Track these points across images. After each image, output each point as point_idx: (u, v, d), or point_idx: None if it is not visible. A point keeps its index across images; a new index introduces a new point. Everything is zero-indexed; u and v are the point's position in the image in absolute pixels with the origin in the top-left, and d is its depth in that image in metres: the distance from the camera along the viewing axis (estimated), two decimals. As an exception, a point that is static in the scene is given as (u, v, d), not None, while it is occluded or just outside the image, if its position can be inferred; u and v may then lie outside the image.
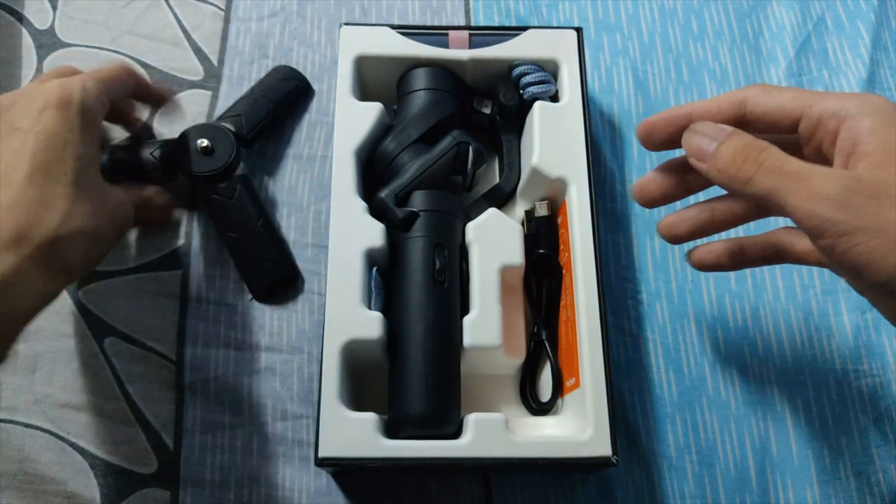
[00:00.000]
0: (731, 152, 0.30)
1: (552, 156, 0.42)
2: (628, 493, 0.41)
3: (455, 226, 0.41)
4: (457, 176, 0.43)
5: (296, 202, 0.47)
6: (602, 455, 0.36)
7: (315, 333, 0.44)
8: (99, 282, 0.44)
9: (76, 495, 0.40)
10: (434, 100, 0.44)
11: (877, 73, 0.52)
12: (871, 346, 0.45)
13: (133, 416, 0.41)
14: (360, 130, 0.43)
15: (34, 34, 0.50)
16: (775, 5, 0.55)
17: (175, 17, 0.52)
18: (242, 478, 0.41)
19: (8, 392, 0.41)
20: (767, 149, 0.29)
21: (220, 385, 0.42)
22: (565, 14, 0.54)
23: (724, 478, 0.42)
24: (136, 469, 0.40)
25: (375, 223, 0.40)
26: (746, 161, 0.29)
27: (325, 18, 0.53)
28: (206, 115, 0.49)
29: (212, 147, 0.44)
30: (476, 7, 0.53)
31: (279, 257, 0.44)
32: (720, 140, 0.30)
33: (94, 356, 0.42)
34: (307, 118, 0.49)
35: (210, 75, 0.50)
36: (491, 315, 0.39)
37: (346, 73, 0.44)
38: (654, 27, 0.54)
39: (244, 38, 0.52)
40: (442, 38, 0.45)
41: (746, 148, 0.29)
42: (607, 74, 0.52)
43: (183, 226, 0.46)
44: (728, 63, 0.52)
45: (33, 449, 0.40)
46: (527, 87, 0.44)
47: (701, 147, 0.31)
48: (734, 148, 0.30)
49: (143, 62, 0.50)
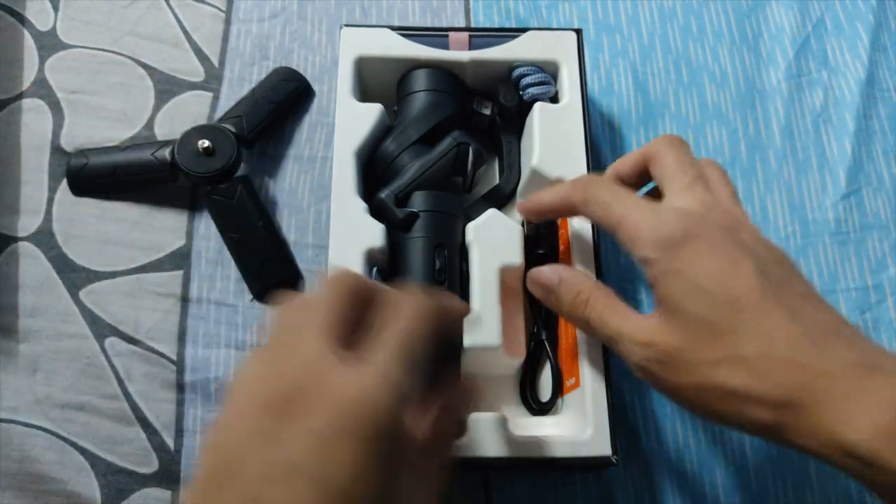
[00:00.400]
0: (566, 301, 0.35)
1: (552, 157, 0.42)
2: (628, 493, 0.41)
3: (455, 226, 0.41)
4: (457, 177, 0.43)
5: (296, 203, 0.47)
6: (602, 455, 0.36)
7: (315, 334, 0.44)
8: (99, 282, 0.44)
9: (76, 495, 0.40)
10: (434, 101, 0.44)
11: (875, 74, 0.52)
12: (871, 347, 0.45)
13: (133, 416, 0.41)
14: (360, 131, 0.43)
15: (35, 35, 0.51)
16: (774, 6, 0.55)
17: (176, 18, 0.52)
18: (243, 478, 0.41)
19: (9, 392, 0.42)
20: (589, 300, 0.34)
21: (221, 385, 0.42)
22: (565, 15, 0.54)
23: (724, 478, 0.42)
24: (137, 469, 0.40)
25: (376, 224, 0.40)
26: (577, 309, 0.34)
27: (325, 20, 0.53)
28: (207, 116, 0.49)
29: (213, 148, 0.44)
30: (476, 8, 0.54)
31: (280, 258, 0.45)
32: (554, 288, 0.35)
33: (95, 356, 0.42)
34: (308, 119, 0.50)
35: (211, 76, 0.50)
36: (491, 315, 0.39)
37: (346, 75, 0.44)
38: (654, 28, 0.54)
39: (245, 39, 0.52)
40: (442, 39, 0.45)
41: (574, 300, 0.34)
42: (607, 75, 0.52)
43: (184, 226, 0.46)
44: (727, 64, 0.53)
45: (34, 449, 0.40)
46: (527, 88, 0.44)
47: (543, 296, 0.36)
48: (565, 297, 0.35)
49: (143, 63, 0.50)
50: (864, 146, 0.50)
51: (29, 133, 0.48)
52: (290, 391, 0.24)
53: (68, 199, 0.46)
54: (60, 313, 0.43)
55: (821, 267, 0.47)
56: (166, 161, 0.44)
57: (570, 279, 0.35)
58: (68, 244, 0.45)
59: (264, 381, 0.24)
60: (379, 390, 0.24)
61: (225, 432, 0.24)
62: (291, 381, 0.24)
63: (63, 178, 0.47)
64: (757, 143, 0.50)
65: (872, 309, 0.46)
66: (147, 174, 0.45)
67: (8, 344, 0.43)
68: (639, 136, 0.50)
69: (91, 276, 0.44)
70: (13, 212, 0.46)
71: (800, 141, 0.50)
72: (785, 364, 0.28)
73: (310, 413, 0.23)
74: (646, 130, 0.50)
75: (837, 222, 0.48)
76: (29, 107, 0.48)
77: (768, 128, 0.51)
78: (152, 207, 0.46)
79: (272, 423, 0.23)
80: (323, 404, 0.23)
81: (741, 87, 0.52)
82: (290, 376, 0.24)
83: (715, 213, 0.32)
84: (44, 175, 0.47)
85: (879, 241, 0.48)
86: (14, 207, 0.46)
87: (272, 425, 0.23)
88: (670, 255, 0.31)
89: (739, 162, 0.50)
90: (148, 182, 0.46)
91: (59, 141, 0.47)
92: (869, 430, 0.26)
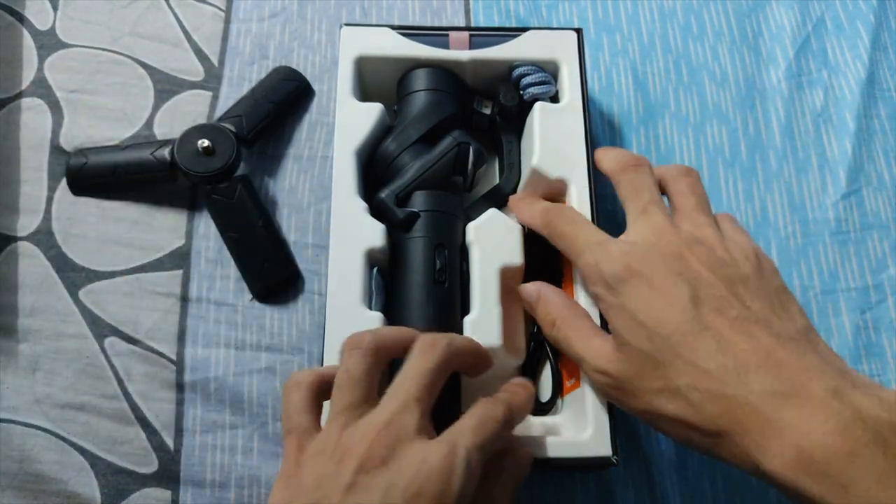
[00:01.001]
0: (540, 318, 0.38)
1: (552, 156, 0.42)
2: (628, 493, 0.41)
3: (455, 226, 0.41)
4: (457, 176, 0.43)
5: (296, 202, 0.47)
6: (602, 455, 0.36)
7: (315, 333, 0.44)
8: (99, 282, 0.44)
9: (76, 495, 0.40)
10: (434, 100, 0.44)
11: (876, 74, 0.52)
12: (871, 346, 0.45)
13: (133, 416, 0.41)
14: (360, 131, 0.43)
15: (35, 35, 0.50)
16: (775, 6, 0.55)
17: (176, 17, 0.52)
18: (242, 478, 0.41)
19: (8, 392, 0.41)
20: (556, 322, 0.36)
21: (220, 385, 0.42)
22: (565, 15, 0.54)
23: (724, 477, 0.42)
24: (137, 469, 0.40)
25: (376, 223, 0.40)
26: (547, 328, 0.37)
27: (325, 19, 0.53)
28: (207, 115, 0.49)
29: (212, 147, 0.44)
30: (476, 8, 0.54)
31: (279, 257, 0.45)
32: (533, 304, 0.38)
33: (95, 356, 0.42)
34: (307, 119, 0.49)
35: (210, 76, 0.50)
36: (491, 315, 0.39)
37: (346, 74, 0.44)
38: (654, 28, 0.54)
39: (245, 38, 0.52)
40: (442, 38, 0.45)
41: (545, 319, 0.37)
42: (607, 75, 0.52)
43: (183, 225, 0.46)
44: (728, 64, 0.53)
45: (34, 449, 0.40)
46: (527, 87, 0.44)
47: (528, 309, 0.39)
48: (540, 315, 0.38)
49: (143, 62, 0.50)
50: (864, 146, 0.50)
51: (28, 132, 0.48)
52: (383, 451, 0.28)
53: (68, 198, 0.46)
54: (60, 313, 0.43)
55: (821, 267, 0.47)
56: (166, 160, 0.44)
57: (546, 297, 0.38)
58: (68, 244, 0.45)
59: (364, 442, 0.28)
60: (458, 467, 0.28)
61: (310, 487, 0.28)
62: (385, 444, 0.28)
63: (62, 178, 0.46)
64: (757, 143, 0.50)
65: (872, 309, 0.46)
66: (147, 174, 0.45)
67: (8, 344, 0.42)
68: (639, 135, 0.50)
69: (91, 275, 0.44)
70: (12, 211, 0.46)
71: (800, 140, 0.50)
72: (711, 396, 0.30)
73: (400, 472, 0.27)
74: (646, 130, 0.50)
75: (838, 222, 0.48)
76: (28, 106, 0.48)
77: (768, 127, 0.51)
78: (152, 207, 0.46)
79: (365, 478, 0.27)
80: (410, 467, 0.27)
81: (741, 87, 0.52)
82: (385, 441, 0.28)
83: (664, 239, 0.34)
84: (43, 174, 0.47)
85: (880, 241, 0.48)
86: (13, 207, 0.46)
87: (365, 479, 0.27)
88: (614, 293, 0.33)
89: (739, 161, 0.50)
90: (147, 182, 0.46)
91: (58, 140, 0.47)
92: (782, 458, 0.27)
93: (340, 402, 0.30)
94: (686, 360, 0.30)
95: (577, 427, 0.37)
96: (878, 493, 0.25)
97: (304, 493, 0.28)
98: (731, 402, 0.29)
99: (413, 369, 0.31)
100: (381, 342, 0.32)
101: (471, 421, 0.30)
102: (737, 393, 0.29)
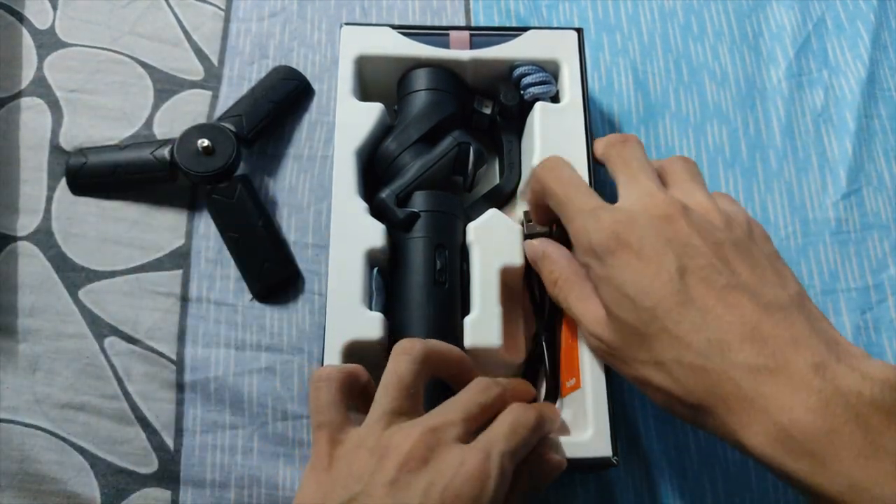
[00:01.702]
0: (543, 276, 0.38)
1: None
2: (628, 493, 0.41)
3: (456, 226, 0.41)
4: (457, 176, 0.43)
5: (296, 202, 0.47)
6: (602, 455, 0.36)
7: (315, 333, 0.44)
8: (99, 282, 0.44)
9: (76, 495, 0.40)
10: (435, 100, 0.44)
11: (876, 74, 0.52)
12: (871, 346, 0.45)
13: (133, 416, 0.41)
14: (360, 131, 0.43)
15: (34, 34, 0.50)
16: (775, 6, 0.55)
17: (175, 17, 0.52)
18: (242, 478, 0.41)
19: (8, 392, 0.41)
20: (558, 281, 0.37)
21: (220, 385, 0.42)
22: (565, 14, 0.54)
23: (724, 478, 0.42)
24: (137, 469, 0.40)
25: (376, 223, 0.40)
26: (550, 287, 0.38)
27: (325, 19, 0.53)
28: (207, 115, 0.49)
29: (212, 147, 0.44)
30: (476, 7, 0.53)
31: (279, 257, 0.44)
32: (537, 261, 0.39)
33: (95, 356, 0.42)
34: (307, 118, 0.49)
35: (210, 75, 0.50)
36: (491, 316, 0.39)
37: (346, 74, 0.44)
38: (654, 27, 0.54)
39: (244, 38, 0.52)
40: (443, 38, 0.45)
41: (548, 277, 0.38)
42: (607, 74, 0.52)
43: (183, 225, 0.46)
44: (728, 63, 0.53)
45: (34, 449, 0.40)
46: (527, 87, 0.44)
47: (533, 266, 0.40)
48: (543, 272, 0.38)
49: (143, 62, 0.50)
50: (864, 146, 0.50)
51: (28, 132, 0.48)
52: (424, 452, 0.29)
53: (67, 198, 0.46)
54: (60, 313, 0.43)
55: (821, 266, 0.47)
56: (166, 160, 0.44)
57: (551, 255, 0.38)
58: (67, 243, 0.45)
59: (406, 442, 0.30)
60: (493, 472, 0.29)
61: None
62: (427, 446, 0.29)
63: (62, 178, 0.46)
64: (757, 143, 0.50)
65: (873, 309, 0.46)
66: (146, 173, 0.45)
67: (7, 344, 0.42)
68: (639, 135, 0.50)
69: (90, 275, 0.44)
70: (12, 211, 0.46)
71: (800, 140, 0.50)
72: (694, 370, 0.30)
73: (439, 473, 0.28)
74: (646, 129, 0.50)
75: (838, 222, 0.48)
76: (28, 105, 0.48)
77: (769, 127, 0.51)
78: (152, 207, 0.46)
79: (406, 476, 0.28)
80: (449, 469, 0.29)
81: (742, 87, 0.52)
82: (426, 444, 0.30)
83: (654, 201, 0.33)
84: (43, 174, 0.47)
85: (880, 241, 0.48)
86: (13, 207, 0.46)
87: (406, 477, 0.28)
88: (601, 263, 0.33)
89: (740, 161, 0.50)
90: (147, 181, 0.46)
91: (58, 140, 0.47)
92: (762, 435, 0.27)
93: (387, 404, 0.31)
94: (671, 334, 0.30)
95: (578, 427, 0.37)
96: (858, 472, 0.26)
97: (343, 486, 0.29)
98: (714, 376, 0.29)
99: (468, 402, 0.32)
100: (431, 353, 0.33)
101: (503, 428, 0.31)
102: (719, 368, 0.29)
